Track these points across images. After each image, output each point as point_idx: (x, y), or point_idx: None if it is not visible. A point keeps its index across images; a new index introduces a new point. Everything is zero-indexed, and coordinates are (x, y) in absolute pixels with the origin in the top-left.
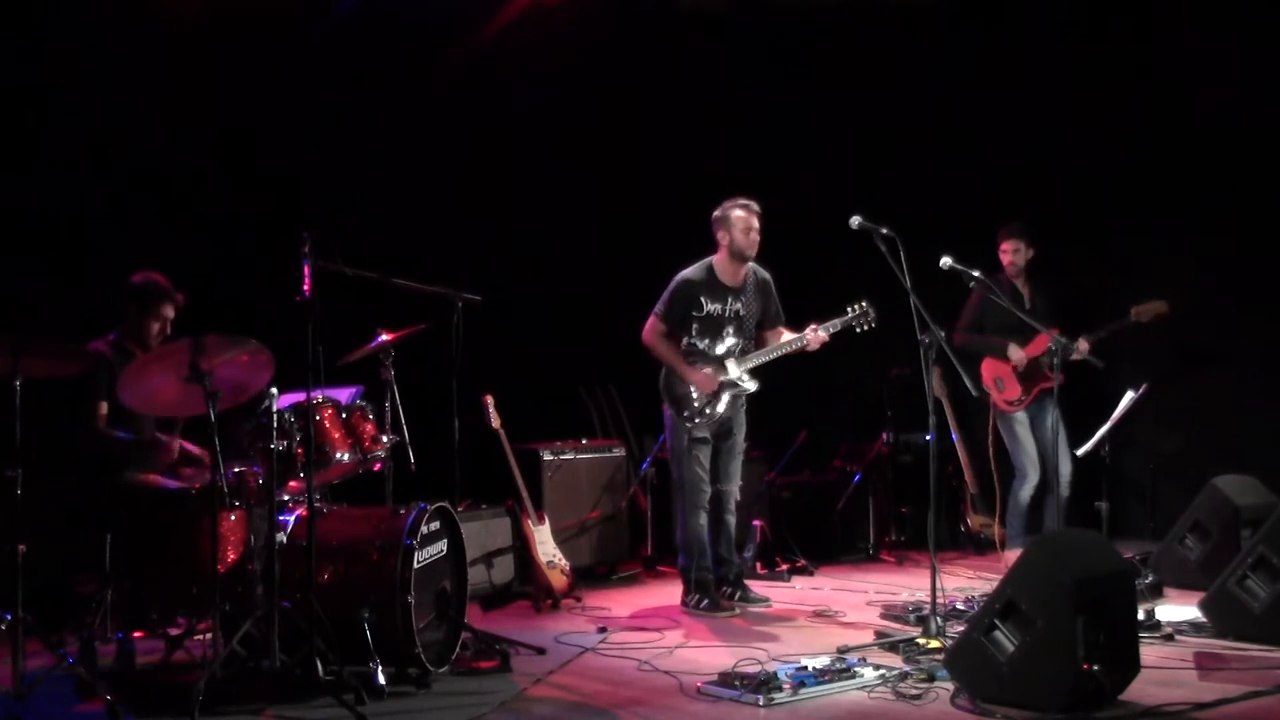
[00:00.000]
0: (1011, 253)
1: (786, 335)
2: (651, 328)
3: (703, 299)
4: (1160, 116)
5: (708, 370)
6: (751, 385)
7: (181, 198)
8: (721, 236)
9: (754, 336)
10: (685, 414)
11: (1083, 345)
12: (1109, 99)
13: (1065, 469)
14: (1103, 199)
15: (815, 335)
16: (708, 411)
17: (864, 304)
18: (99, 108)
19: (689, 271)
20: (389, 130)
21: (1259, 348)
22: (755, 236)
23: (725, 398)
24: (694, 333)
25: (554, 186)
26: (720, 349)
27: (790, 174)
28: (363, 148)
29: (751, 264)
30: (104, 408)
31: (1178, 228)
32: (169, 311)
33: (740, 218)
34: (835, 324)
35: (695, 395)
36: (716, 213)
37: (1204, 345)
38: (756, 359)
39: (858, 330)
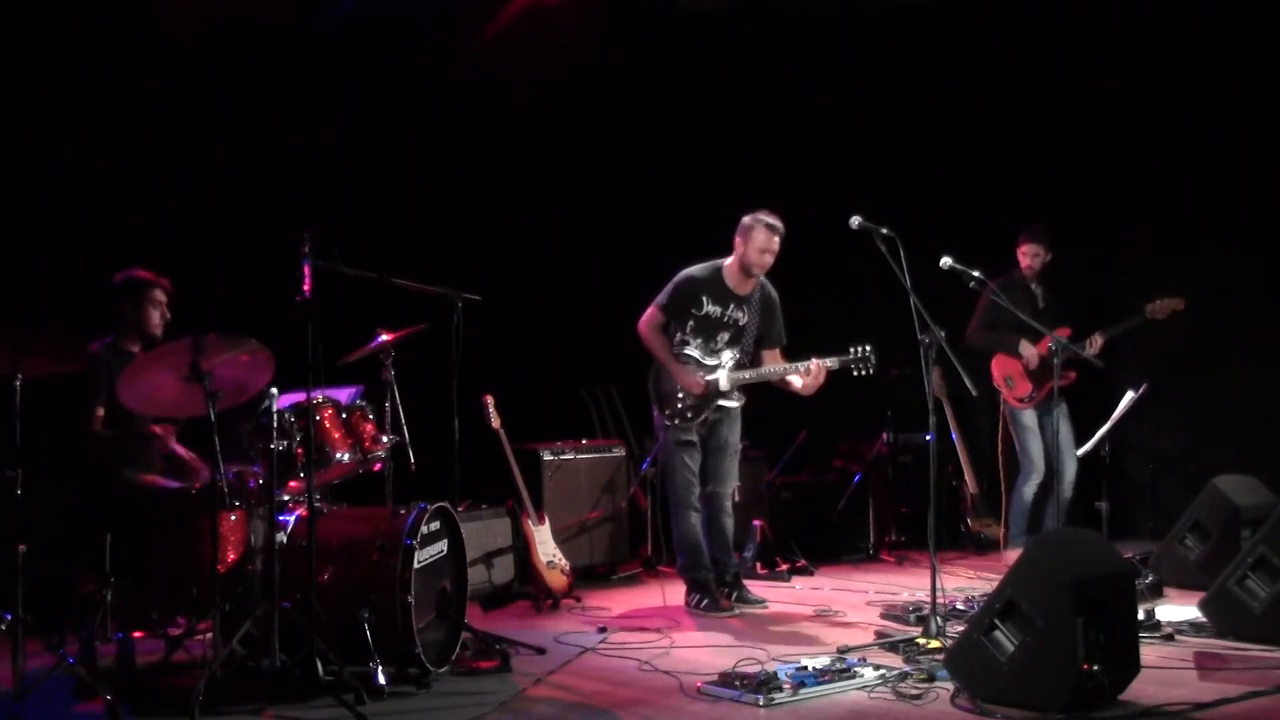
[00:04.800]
0: (1030, 256)
1: (783, 365)
2: (649, 318)
3: (704, 298)
4: (1158, 118)
5: (699, 374)
6: (737, 402)
7: (181, 197)
8: (738, 245)
9: (751, 352)
10: (667, 412)
11: (1096, 340)
12: (1109, 97)
13: (1070, 471)
14: (1102, 201)
15: (813, 368)
16: (689, 416)
17: (867, 347)
18: (99, 107)
19: (696, 269)
20: (389, 129)
21: (1259, 348)
22: (769, 259)
23: (711, 410)
24: (688, 330)
25: (554, 186)
26: (710, 354)
27: (790, 174)
28: (362, 147)
29: (762, 279)
30: (100, 411)
31: (1177, 229)
32: (162, 296)
33: (762, 237)
34: (834, 361)
35: (680, 396)
36: (746, 219)
37: (1204, 345)
38: (748, 376)
39: (855, 374)
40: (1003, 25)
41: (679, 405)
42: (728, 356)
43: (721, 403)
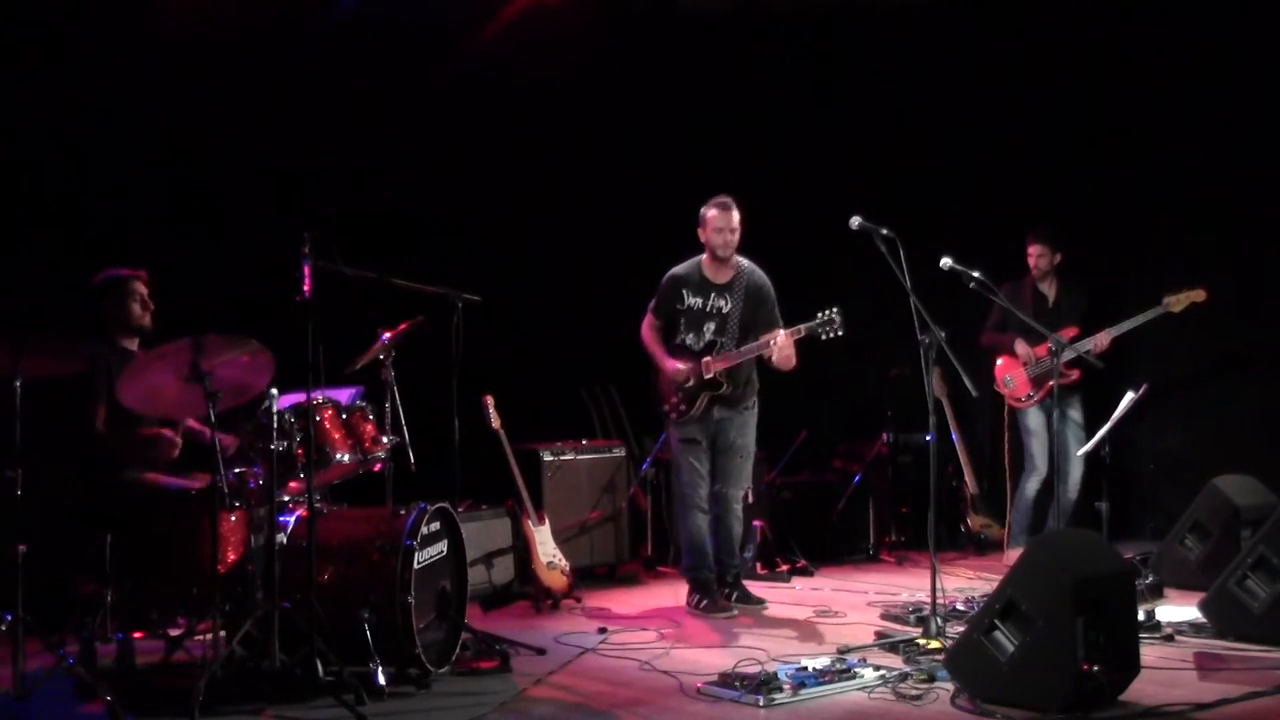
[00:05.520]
0: (1036, 256)
1: (754, 343)
2: (645, 323)
3: (684, 292)
4: (1160, 117)
5: (680, 365)
6: (728, 389)
7: (182, 198)
8: (700, 234)
9: (739, 338)
10: (665, 409)
11: (1101, 339)
12: (1110, 96)
13: (1075, 473)
14: (1102, 200)
15: (779, 340)
16: (684, 408)
17: (833, 310)
18: (98, 107)
19: (678, 267)
20: (389, 130)
21: (1259, 348)
22: (729, 237)
23: (705, 397)
24: (681, 327)
25: (554, 186)
26: (700, 345)
27: (790, 174)
28: (363, 147)
29: (748, 266)
30: (102, 411)
31: (1177, 228)
32: (141, 287)
33: (713, 217)
34: (800, 329)
35: (674, 388)
36: (702, 209)
37: (1205, 346)
38: (728, 359)
39: (823, 337)
40: (1004, 24)
41: (674, 399)
42: (711, 340)
43: (711, 391)
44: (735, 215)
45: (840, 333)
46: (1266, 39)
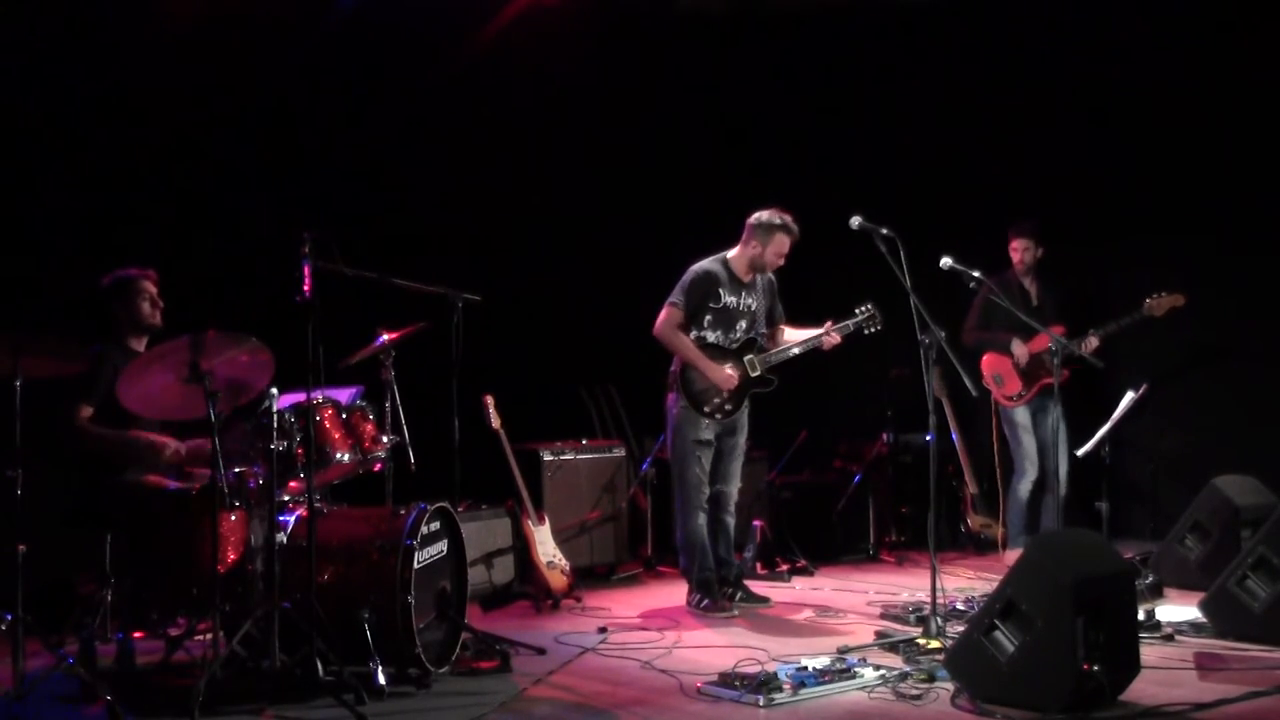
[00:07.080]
0: (1021, 251)
1: (798, 332)
2: (667, 319)
3: (721, 291)
4: (1158, 117)
5: (729, 367)
6: (770, 386)
7: (182, 198)
8: (753, 244)
9: (764, 333)
10: (706, 410)
11: (1091, 341)
12: (1109, 97)
13: (1062, 468)
14: (1102, 199)
15: (831, 335)
16: (728, 409)
17: (870, 306)
18: (98, 108)
19: (705, 264)
20: (388, 130)
21: (1259, 347)
22: (781, 262)
23: (747, 396)
24: (705, 325)
25: (553, 186)
26: (734, 342)
27: (790, 174)
28: (362, 147)
29: None
30: (88, 409)
31: (1178, 227)
32: (150, 287)
33: (780, 241)
34: (848, 325)
35: (715, 391)
36: (763, 217)
37: (1204, 345)
38: (776, 356)
39: (866, 332)
40: (1003, 24)
41: (717, 401)
42: (744, 338)
43: (761, 389)
44: (792, 245)
45: (880, 327)
46: (1254, 41)
